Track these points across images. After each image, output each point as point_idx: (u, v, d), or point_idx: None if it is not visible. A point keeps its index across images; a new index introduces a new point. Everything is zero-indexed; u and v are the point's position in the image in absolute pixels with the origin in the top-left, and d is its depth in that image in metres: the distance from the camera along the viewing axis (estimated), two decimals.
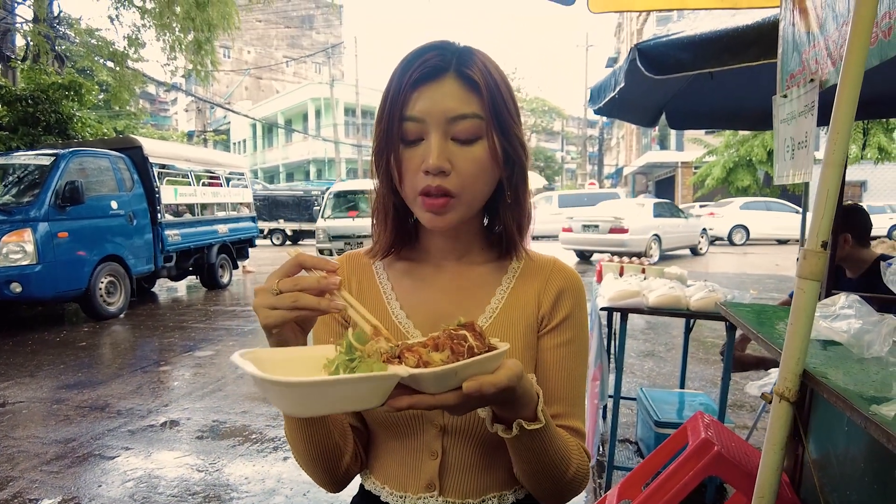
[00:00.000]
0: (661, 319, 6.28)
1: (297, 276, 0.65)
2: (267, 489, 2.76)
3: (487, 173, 0.79)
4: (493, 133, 0.77)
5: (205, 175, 9.76)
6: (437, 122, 0.75)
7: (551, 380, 0.84)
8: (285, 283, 0.64)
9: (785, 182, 1.73)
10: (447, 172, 0.75)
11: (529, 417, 0.69)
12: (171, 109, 56.74)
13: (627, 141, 36.29)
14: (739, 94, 3.39)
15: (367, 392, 0.56)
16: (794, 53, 1.74)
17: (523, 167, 0.84)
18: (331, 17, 49.69)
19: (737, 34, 2.25)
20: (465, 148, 0.76)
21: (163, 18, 8.28)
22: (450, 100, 0.75)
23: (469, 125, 0.76)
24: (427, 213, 0.79)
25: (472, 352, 0.61)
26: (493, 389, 0.60)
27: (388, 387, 0.57)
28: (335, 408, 0.57)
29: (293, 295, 0.63)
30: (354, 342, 0.61)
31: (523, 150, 0.82)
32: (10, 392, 4.28)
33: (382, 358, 0.61)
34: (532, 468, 0.74)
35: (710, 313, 2.39)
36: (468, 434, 0.81)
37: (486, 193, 0.82)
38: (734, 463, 1.67)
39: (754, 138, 19.38)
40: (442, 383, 0.59)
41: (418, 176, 0.77)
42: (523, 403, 0.68)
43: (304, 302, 0.63)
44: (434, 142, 0.75)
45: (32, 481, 2.86)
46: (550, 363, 0.85)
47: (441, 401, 0.60)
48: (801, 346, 1.03)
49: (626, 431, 3.43)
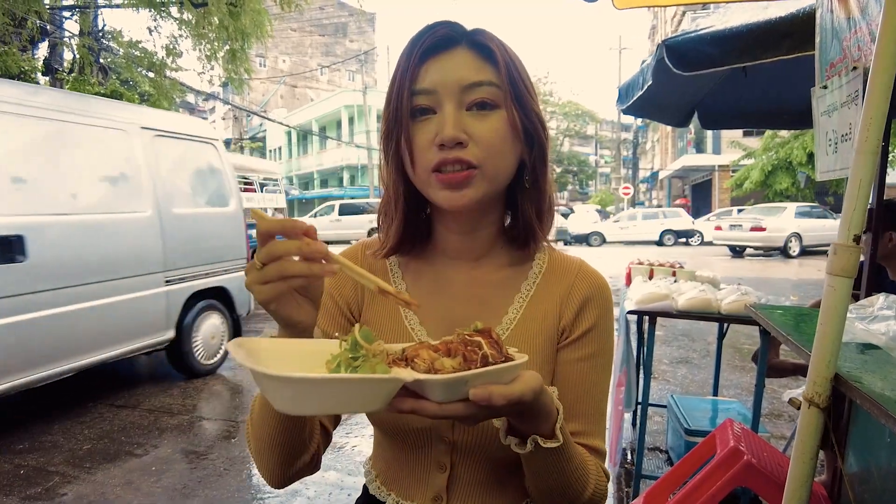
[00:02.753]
0: (696, 325, 6.10)
1: (274, 245, 0.57)
2: (290, 490, 2.77)
3: (508, 144, 0.73)
4: (512, 103, 0.72)
5: (240, 181, 9.96)
6: (451, 91, 0.70)
7: (571, 395, 0.77)
8: (262, 255, 0.57)
9: (828, 178, 1.65)
10: (464, 143, 0.69)
11: (547, 434, 0.63)
12: (210, 118, 58.28)
13: (663, 144, 35.65)
14: (776, 91, 3.27)
15: (366, 394, 0.52)
16: (834, 41, 1.66)
17: (543, 147, 0.77)
18: (364, 24, 50.33)
19: (769, 27, 2.16)
20: (483, 117, 0.71)
21: (199, 28, 8.50)
22: (463, 68, 0.70)
23: (486, 93, 0.70)
24: (443, 190, 0.72)
25: (485, 361, 0.56)
26: (504, 401, 0.54)
27: (390, 391, 0.53)
28: (331, 408, 0.53)
29: (278, 265, 0.57)
30: (360, 339, 0.56)
31: (542, 127, 0.76)
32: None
33: (388, 360, 0.57)
34: (546, 486, 0.69)
35: (742, 317, 2.29)
36: (479, 452, 0.77)
37: (509, 170, 0.75)
38: (766, 474, 1.59)
39: (794, 140, 18.79)
40: (450, 392, 0.54)
41: (431, 151, 0.71)
42: (541, 419, 0.62)
43: (293, 269, 0.57)
44: (448, 112, 0.70)
45: (66, 476, 2.93)
46: (570, 377, 0.78)
47: (447, 411, 0.54)
48: (832, 349, 0.96)
49: (657, 439, 3.33)
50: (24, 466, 3.05)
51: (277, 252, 0.57)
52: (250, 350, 0.57)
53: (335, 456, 3.14)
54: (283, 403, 0.51)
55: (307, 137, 39.97)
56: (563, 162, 42.71)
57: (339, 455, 3.17)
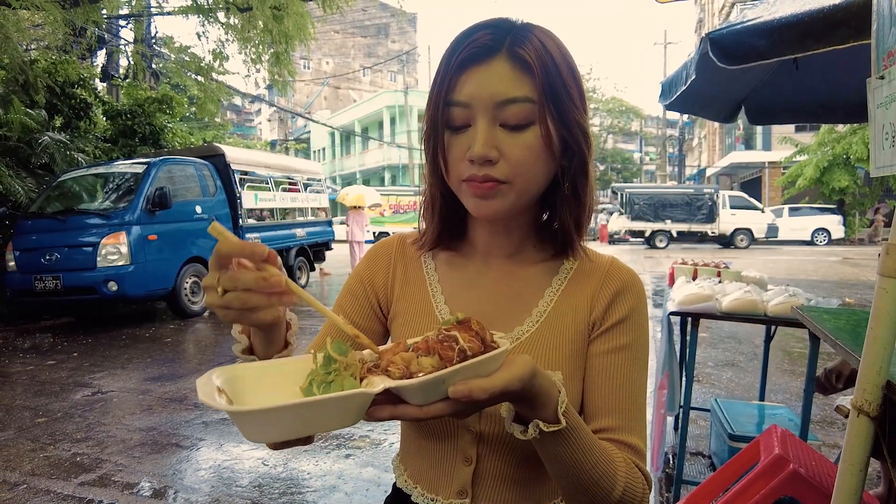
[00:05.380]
0: (744, 328, 5.90)
1: (236, 274, 0.56)
2: (328, 485, 2.81)
3: (540, 162, 0.72)
4: (549, 118, 0.70)
5: (284, 181, 10.19)
6: (485, 106, 0.69)
7: (601, 388, 0.76)
8: (226, 282, 0.56)
9: (884, 174, 1.56)
10: (494, 161, 0.70)
11: (550, 419, 0.61)
12: (256, 120, 59.92)
13: (710, 141, 34.58)
14: (829, 84, 3.12)
15: (332, 413, 0.50)
16: (893, 28, 1.57)
17: (584, 158, 0.76)
18: (405, 25, 50.71)
19: (821, 15, 2.06)
20: (516, 135, 0.70)
21: (244, 32, 8.75)
22: (498, 82, 0.69)
23: (519, 110, 0.69)
24: (473, 198, 0.73)
25: (463, 355, 0.54)
26: (486, 395, 0.53)
27: (360, 404, 0.51)
28: (302, 431, 0.51)
29: (240, 297, 0.56)
30: (333, 353, 0.55)
31: (585, 139, 0.74)
32: (104, 382, 4.63)
33: (364, 368, 0.55)
34: (566, 481, 0.66)
35: (789, 319, 2.19)
36: (505, 443, 0.76)
37: (540, 184, 0.75)
38: (814, 484, 1.52)
39: (852, 134, 17.90)
40: (429, 393, 0.53)
41: (463, 164, 0.72)
42: (540, 403, 0.60)
43: (252, 301, 0.57)
44: (480, 128, 0.69)
45: (117, 465, 3.06)
46: (600, 370, 0.76)
47: (429, 412, 0.54)
48: (884, 354, 0.91)
49: (701, 444, 3.23)
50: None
51: (240, 284, 0.56)
52: (228, 379, 0.57)
53: (373, 453, 3.18)
54: (251, 434, 0.49)
55: (350, 138, 40.55)
56: (607, 160, 41.99)
57: (377, 452, 3.20)
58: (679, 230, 20.21)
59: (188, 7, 9.22)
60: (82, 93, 9.73)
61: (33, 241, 6.69)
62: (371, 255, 0.92)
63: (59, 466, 3.05)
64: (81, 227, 6.65)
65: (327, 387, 0.52)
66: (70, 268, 6.46)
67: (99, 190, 7.32)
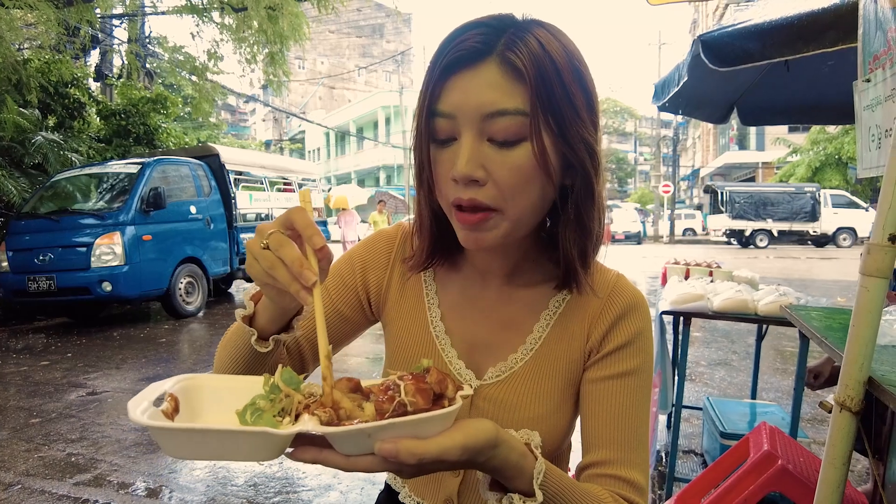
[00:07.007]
0: (736, 327, 5.94)
1: (285, 241, 0.55)
2: (323, 484, 2.82)
3: (533, 185, 0.63)
4: (544, 133, 0.61)
5: (279, 181, 10.19)
6: (470, 119, 0.61)
7: (598, 418, 0.70)
8: (272, 240, 0.56)
9: (870, 175, 1.59)
10: (481, 182, 0.62)
11: (525, 491, 0.57)
12: (250, 120, 59.76)
13: (704, 141, 34.74)
14: (820, 85, 3.16)
15: (243, 447, 0.48)
16: (878, 33, 1.60)
17: (589, 179, 0.66)
18: (400, 25, 50.68)
19: (810, 18, 2.09)
20: (504, 152, 0.61)
21: (239, 32, 8.76)
22: (487, 91, 0.60)
23: (509, 123, 0.60)
24: (462, 229, 0.66)
25: (402, 409, 0.49)
26: (414, 459, 0.48)
27: (276, 443, 0.48)
28: (216, 456, 0.49)
29: (272, 261, 0.55)
30: (280, 383, 0.52)
31: (591, 157, 0.65)
32: (98, 382, 4.62)
33: (303, 405, 0.51)
34: None
35: (779, 319, 2.22)
36: None
37: (537, 210, 0.67)
38: (802, 480, 1.54)
39: (845, 134, 18.08)
40: (353, 445, 0.49)
41: (449, 183, 0.64)
42: (509, 475, 0.56)
43: (278, 274, 0.55)
44: (465, 144, 0.61)
45: (112, 465, 3.06)
46: (598, 398, 0.71)
47: (354, 465, 0.49)
48: (865, 351, 0.93)
49: (693, 442, 3.26)
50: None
51: (280, 251, 0.55)
52: (188, 387, 0.56)
53: None
54: (168, 450, 0.49)
55: (345, 138, 40.54)
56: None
57: None
58: (780, 229, 19.48)
59: (182, 7, 9.22)
60: (76, 92, 9.71)
61: (27, 241, 6.67)
62: (369, 247, 0.85)
63: (53, 467, 3.05)
64: (75, 227, 6.62)
65: (259, 416, 0.49)
66: (64, 268, 6.43)
67: (93, 190, 7.30)
